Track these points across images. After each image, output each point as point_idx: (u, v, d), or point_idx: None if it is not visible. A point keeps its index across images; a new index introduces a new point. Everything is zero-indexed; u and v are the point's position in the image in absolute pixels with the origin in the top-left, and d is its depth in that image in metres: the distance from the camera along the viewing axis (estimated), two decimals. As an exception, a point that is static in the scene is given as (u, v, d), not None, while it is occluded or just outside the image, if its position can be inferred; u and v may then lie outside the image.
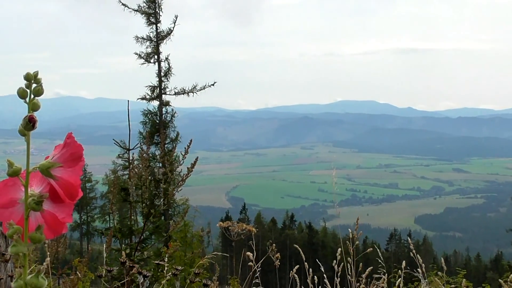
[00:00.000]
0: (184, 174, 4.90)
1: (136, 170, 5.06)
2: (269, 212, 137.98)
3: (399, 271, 6.47)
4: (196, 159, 5.24)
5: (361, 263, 6.24)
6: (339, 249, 6.08)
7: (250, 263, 5.96)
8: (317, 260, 7.40)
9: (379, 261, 6.56)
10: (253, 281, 6.13)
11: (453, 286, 10.30)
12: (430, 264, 28.59)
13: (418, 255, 6.56)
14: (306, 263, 6.20)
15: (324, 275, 6.20)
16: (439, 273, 7.97)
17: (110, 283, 5.63)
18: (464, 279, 11.92)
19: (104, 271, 4.82)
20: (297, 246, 6.64)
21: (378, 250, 6.63)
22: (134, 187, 5.01)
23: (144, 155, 5.30)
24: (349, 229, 6.53)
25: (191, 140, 5.31)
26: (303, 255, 6.29)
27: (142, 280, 4.27)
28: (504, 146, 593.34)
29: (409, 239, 7.45)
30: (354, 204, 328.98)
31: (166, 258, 4.83)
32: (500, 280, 6.77)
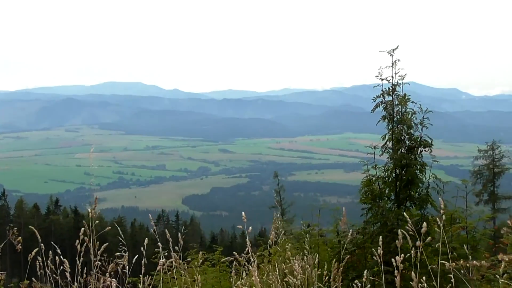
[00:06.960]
0: None
1: None
2: (32, 198, 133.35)
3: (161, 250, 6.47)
4: None
5: (98, 242, 6.03)
6: (82, 229, 5.83)
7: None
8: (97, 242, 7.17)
9: (149, 242, 6.47)
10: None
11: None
12: (197, 243, 29.41)
13: (185, 234, 6.57)
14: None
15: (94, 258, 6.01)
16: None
17: None
18: (219, 255, 12.37)
19: None
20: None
21: (118, 228, 6.59)
22: None
23: None
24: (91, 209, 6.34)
25: None
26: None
27: None
28: (266, 126, 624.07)
29: (177, 219, 7.46)
30: (121, 187, 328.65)
31: None
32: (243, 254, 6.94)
